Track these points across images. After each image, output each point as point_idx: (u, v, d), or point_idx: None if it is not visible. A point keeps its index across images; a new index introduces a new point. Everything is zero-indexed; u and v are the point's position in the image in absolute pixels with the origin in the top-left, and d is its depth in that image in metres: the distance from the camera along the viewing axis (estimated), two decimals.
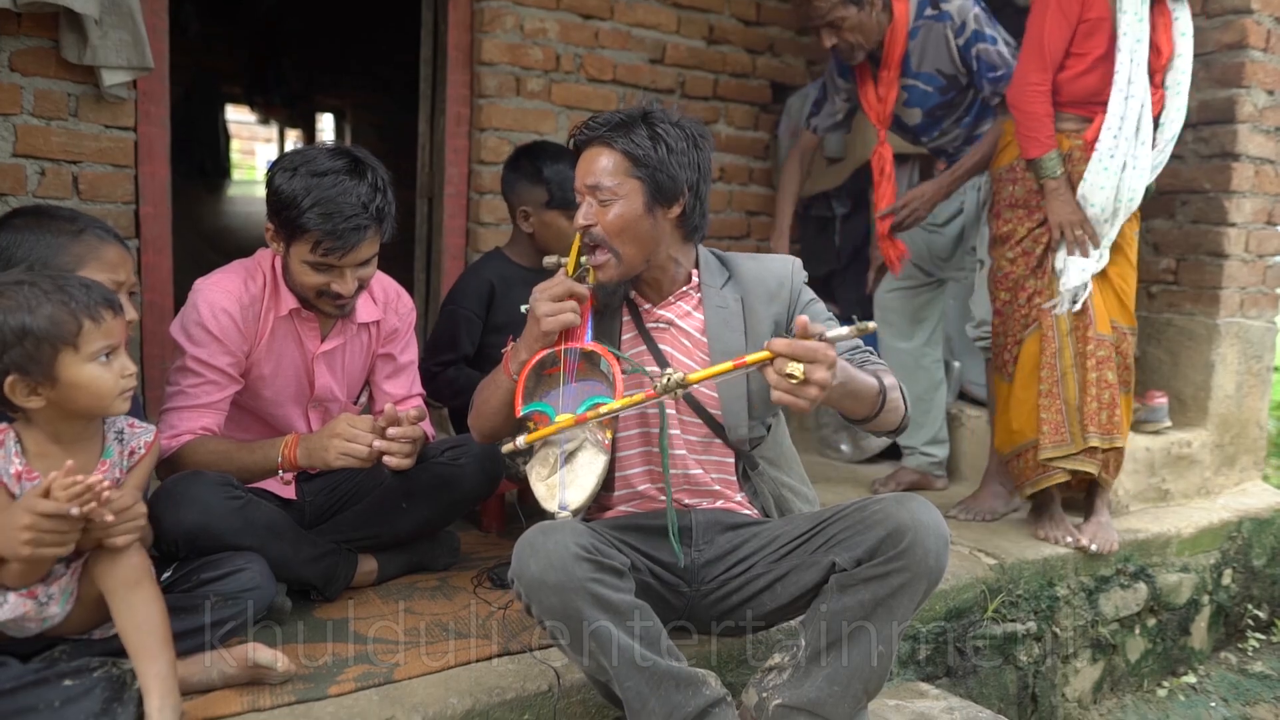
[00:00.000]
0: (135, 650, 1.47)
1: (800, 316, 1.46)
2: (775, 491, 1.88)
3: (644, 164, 1.69)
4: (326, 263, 1.87)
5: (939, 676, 2.34)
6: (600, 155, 1.71)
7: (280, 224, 1.88)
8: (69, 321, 1.44)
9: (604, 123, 1.72)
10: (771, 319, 1.83)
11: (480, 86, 3.28)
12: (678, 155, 1.71)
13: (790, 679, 1.62)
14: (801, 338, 1.43)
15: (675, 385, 1.51)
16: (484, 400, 1.82)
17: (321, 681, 1.64)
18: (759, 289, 1.84)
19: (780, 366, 1.43)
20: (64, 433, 1.51)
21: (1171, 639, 2.94)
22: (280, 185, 1.85)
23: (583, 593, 1.47)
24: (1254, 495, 3.35)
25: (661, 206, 1.72)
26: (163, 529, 1.71)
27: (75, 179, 2.52)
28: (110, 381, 1.49)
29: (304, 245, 1.86)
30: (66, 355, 1.44)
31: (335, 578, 2.00)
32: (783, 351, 1.43)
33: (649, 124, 1.71)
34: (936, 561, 1.56)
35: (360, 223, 1.84)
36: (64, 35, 2.40)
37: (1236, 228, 3.21)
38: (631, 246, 1.72)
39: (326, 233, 1.82)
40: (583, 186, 1.73)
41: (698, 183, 1.75)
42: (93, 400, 1.48)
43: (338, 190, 1.82)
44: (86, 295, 1.47)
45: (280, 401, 2.06)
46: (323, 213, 1.81)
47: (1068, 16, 2.35)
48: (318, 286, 1.91)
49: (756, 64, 3.94)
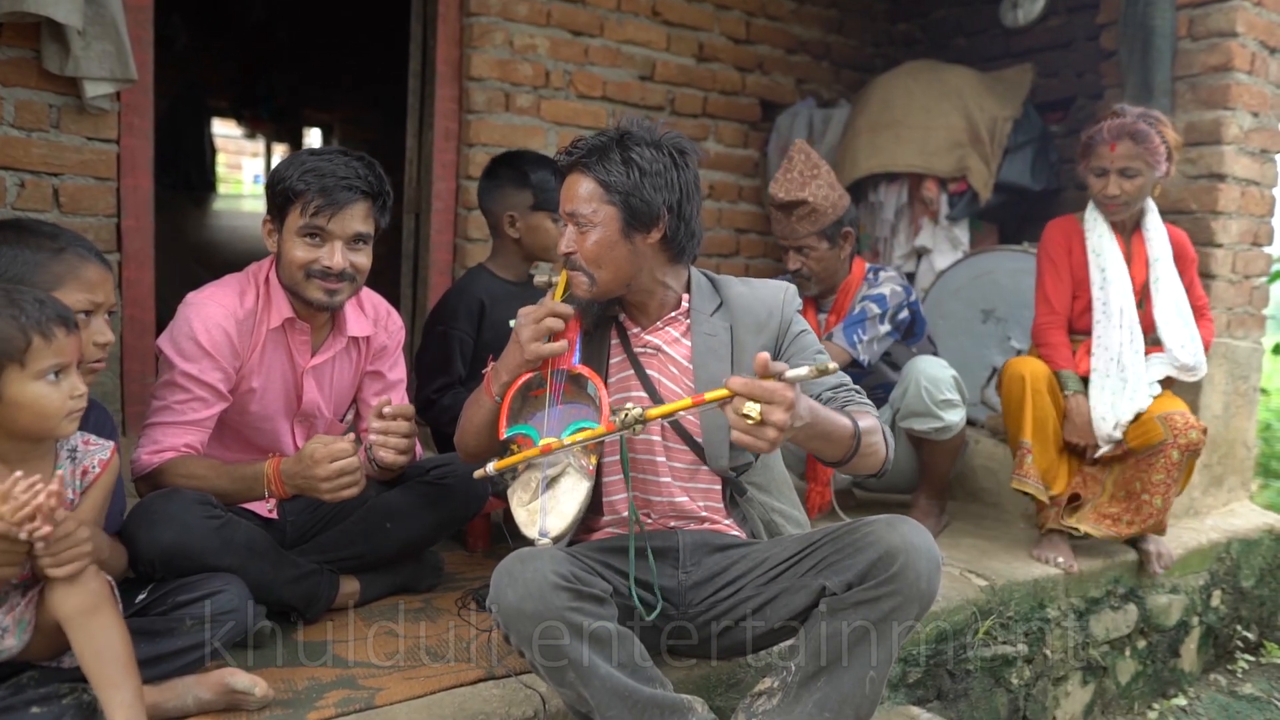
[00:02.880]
0: (97, 680, 1.42)
1: (760, 354, 1.42)
2: (765, 516, 1.85)
3: (617, 190, 1.66)
4: (316, 225, 1.86)
5: (930, 700, 2.31)
6: (580, 181, 1.70)
7: (273, 204, 1.90)
8: (17, 337, 1.39)
9: (582, 147, 1.70)
10: (759, 349, 1.78)
11: (469, 102, 3.27)
12: (652, 178, 1.67)
13: (780, 704, 1.59)
14: (761, 376, 1.40)
15: (633, 422, 1.49)
16: (467, 420, 1.79)
17: (301, 707, 1.60)
18: (748, 318, 1.80)
19: (738, 405, 1.40)
20: (9, 452, 1.45)
21: (1161, 661, 2.92)
22: (276, 170, 1.91)
23: (561, 621, 1.44)
24: (1242, 516, 3.35)
25: (639, 232, 1.69)
26: (138, 548, 1.67)
27: (56, 191, 2.49)
28: (57, 401, 1.43)
29: (295, 214, 1.87)
30: (12, 372, 1.40)
31: (317, 599, 1.96)
32: (740, 391, 1.40)
33: (623, 148, 1.68)
34: (928, 585, 1.54)
35: (352, 183, 1.87)
36: (46, 46, 2.38)
37: (1223, 248, 3.23)
38: (608, 272, 1.69)
39: (317, 190, 1.84)
40: (564, 213, 1.71)
41: (679, 203, 1.71)
42: (36, 420, 1.43)
43: (329, 162, 1.88)
44: (39, 310, 1.42)
45: (267, 415, 2.02)
46: (315, 173, 1.85)
47: (1059, 271, 2.79)
48: (308, 263, 1.88)
49: (746, 82, 3.95)
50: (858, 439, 1.58)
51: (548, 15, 3.38)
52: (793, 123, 3.94)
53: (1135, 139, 2.62)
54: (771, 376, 1.40)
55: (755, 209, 4.05)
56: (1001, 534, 2.89)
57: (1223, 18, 3.12)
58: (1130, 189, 2.67)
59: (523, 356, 1.66)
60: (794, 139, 3.87)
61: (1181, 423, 2.58)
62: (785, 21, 4.04)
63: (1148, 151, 2.63)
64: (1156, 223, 2.81)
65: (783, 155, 3.90)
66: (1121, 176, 2.66)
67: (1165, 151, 2.66)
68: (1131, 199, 2.69)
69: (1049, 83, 3.92)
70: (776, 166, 3.92)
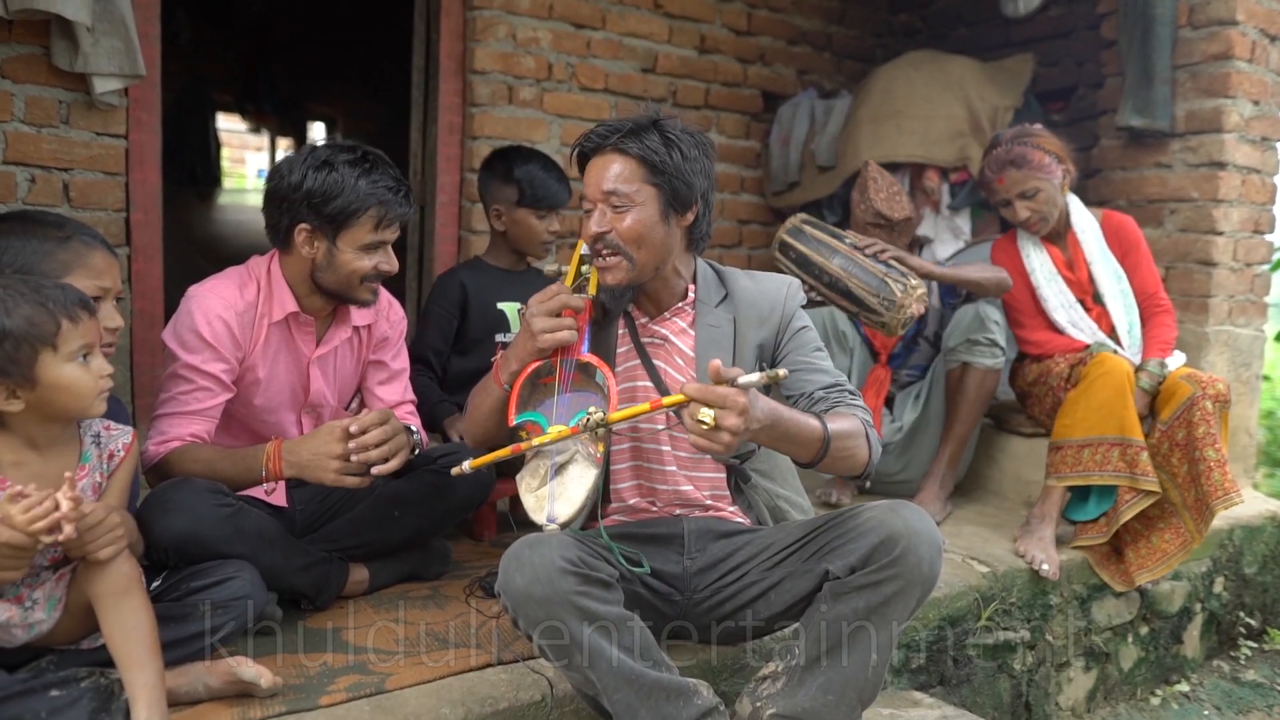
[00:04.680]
0: (123, 659, 1.45)
1: (713, 361, 1.45)
2: (770, 503, 1.88)
3: (661, 170, 1.68)
4: (380, 239, 1.93)
5: (933, 685, 2.33)
6: (613, 162, 1.69)
7: (325, 218, 1.90)
8: (47, 322, 1.43)
9: (614, 130, 1.70)
10: (758, 343, 1.81)
11: (472, 95, 3.28)
12: (692, 162, 1.70)
13: (784, 688, 1.61)
14: (715, 382, 1.43)
15: (596, 425, 1.54)
16: (475, 406, 1.81)
17: (312, 692, 1.63)
18: (751, 312, 1.82)
19: (693, 411, 1.43)
20: (40, 437, 1.49)
21: (1164, 647, 2.94)
22: (320, 181, 1.88)
23: (569, 606, 1.46)
24: (1244, 503, 3.35)
25: (676, 214, 1.72)
26: (152, 537, 1.70)
27: (66, 186, 2.51)
28: (90, 381, 1.48)
29: (361, 228, 1.91)
30: (46, 356, 1.44)
31: (326, 586, 1.99)
32: (694, 396, 1.43)
33: (661, 131, 1.69)
34: (930, 569, 1.56)
35: (405, 197, 1.96)
36: (55, 42, 2.39)
37: (1225, 236, 3.23)
38: (646, 253, 1.70)
39: (387, 205, 1.91)
40: (597, 194, 1.70)
41: (708, 191, 1.75)
42: (73, 400, 1.47)
43: (379, 172, 1.92)
44: (63, 295, 1.47)
45: (272, 408, 2.05)
46: (383, 186, 1.90)
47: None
48: (366, 271, 1.94)
49: (748, 73, 3.96)
50: (826, 442, 1.60)
51: (550, 8, 3.39)
52: (794, 114, 3.94)
53: (1016, 165, 2.75)
54: (724, 382, 1.43)
55: (757, 200, 4.06)
56: (1004, 521, 2.90)
57: (1223, 6, 3.12)
58: (1038, 206, 2.78)
59: (534, 345, 1.68)
60: (796, 130, 3.89)
61: (1205, 377, 2.64)
62: (786, 13, 4.05)
63: (1034, 170, 2.74)
64: (1084, 221, 2.88)
65: (785, 146, 3.92)
66: (1023, 200, 2.78)
67: (1053, 159, 2.75)
68: (1046, 213, 2.80)
69: (1050, 72, 3.93)
70: (778, 158, 3.94)
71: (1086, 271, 2.86)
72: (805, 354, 1.80)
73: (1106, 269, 2.84)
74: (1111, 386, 2.60)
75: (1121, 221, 2.91)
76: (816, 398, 1.75)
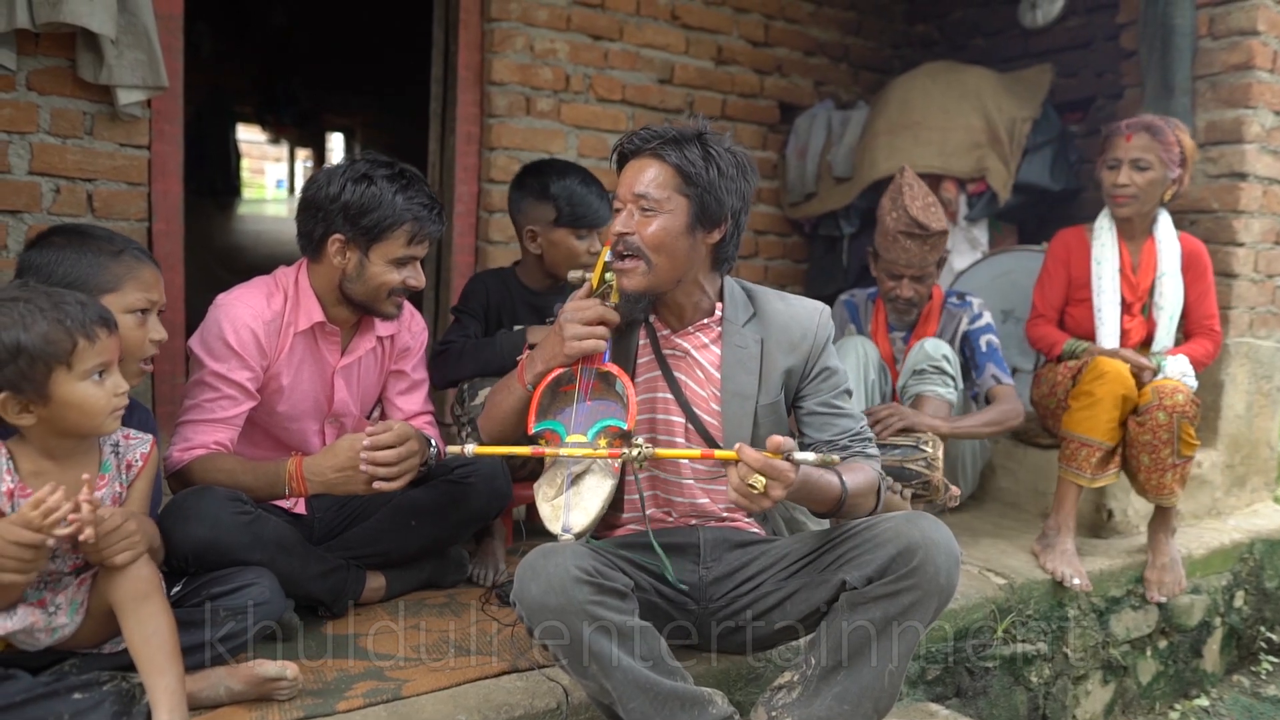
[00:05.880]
0: (144, 664, 1.47)
1: (774, 437, 1.46)
2: (786, 515, 1.88)
3: (695, 182, 1.67)
4: (411, 254, 1.97)
5: (949, 697, 2.32)
6: (650, 166, 1.69)
7: (360, 230, 1.93)
8: (64, 340, 1.44)
9: (658, 135, 1.70)
10: (786, 369, 1.80)
11: (490, 106, 3.31)
12: (728, 180, 1.69)
13: (800, 698, 1.61)
14: (772, 452, 1.45)
15: (642, 459, 1.56)
16: (495, 405, 1.82)
17: (330, 697, 1.64)
18: (782, 336, 1.81)
19: (745, 474, 1.45)
20: (57, 449, 1.51)
21: (1183, 661, 2.91)
22: (358, 194, 1.92)
23: (583, 615, 1.46)
24: (1265, 516, 3.32)
25: (703, 229, 1.71)
26: (172, 544, 1.71)
27: (90, 196, 2.55)
28: (103, 400, 1.48)
29: (394, 242, 1.94)
30: (60, 373, 1.44)
31: (344, 594, 2.00)
32: (755, 467, 1.45)
33: (703, 144, 1.69)
34: (947, 580, 1.55)
35: (440, 211, 2.00)
36: (81, 55, 2.43)
37: (1245, 247, 3.21)
38: (666, 261, 1.69)
39: (422, 221, 1.95)
40: (628, 195, 1.70)
41: (740, 212, 1.74)
42: (83, 419, 1.48)
43: (415, 189, 1.96)
44: (82, 312, 1.46)
45: (295, 416, 2.06)
46: (418, 203, 1.95)
47: (1054, 279, 2.96)
48: (395, 285, 1.98)
49: (764, 84, 3.97)
50: (843, 500, 1.63)
51: (568, 20, 3.41)
52: (811, 125, 3.95)
53: (1151, 132, 2.70)
54: (781, 455, 1.45)
55: (774, 211, 4.07)
56: (1020, 534, 2.88)
57: (1243, 16, 3.11)
58: (1141, 182, 2.72)
59: (563, 350, 1.68)
60: (812, 141, 3.90)
61: (1170, 388, 2.60)
62: (803, 24, 4.06)
63: (1162, 146, 2.68)
64: (1169, 234, 2.83)
65: (801, 158, 3.93)
66: (1133, 168, 2.72)
67: (1179, 154, 2.71)
68: (1141, 193, 2.73)
69: (1068, 83, 3.92)
70: (795, 169, 3.94)
71: (1150, 282, 2.82)
72: (831, 396, 1.81)
73: (1174, 287, 2.81)
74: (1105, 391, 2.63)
75: (1198, 248, 2.88)
76: (841, 445, 1.77)
